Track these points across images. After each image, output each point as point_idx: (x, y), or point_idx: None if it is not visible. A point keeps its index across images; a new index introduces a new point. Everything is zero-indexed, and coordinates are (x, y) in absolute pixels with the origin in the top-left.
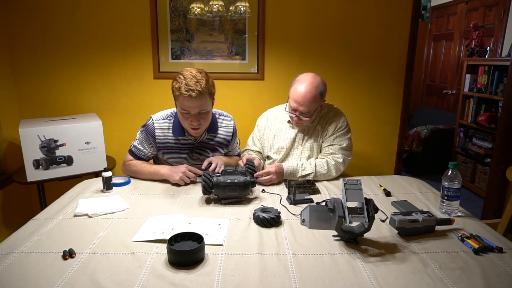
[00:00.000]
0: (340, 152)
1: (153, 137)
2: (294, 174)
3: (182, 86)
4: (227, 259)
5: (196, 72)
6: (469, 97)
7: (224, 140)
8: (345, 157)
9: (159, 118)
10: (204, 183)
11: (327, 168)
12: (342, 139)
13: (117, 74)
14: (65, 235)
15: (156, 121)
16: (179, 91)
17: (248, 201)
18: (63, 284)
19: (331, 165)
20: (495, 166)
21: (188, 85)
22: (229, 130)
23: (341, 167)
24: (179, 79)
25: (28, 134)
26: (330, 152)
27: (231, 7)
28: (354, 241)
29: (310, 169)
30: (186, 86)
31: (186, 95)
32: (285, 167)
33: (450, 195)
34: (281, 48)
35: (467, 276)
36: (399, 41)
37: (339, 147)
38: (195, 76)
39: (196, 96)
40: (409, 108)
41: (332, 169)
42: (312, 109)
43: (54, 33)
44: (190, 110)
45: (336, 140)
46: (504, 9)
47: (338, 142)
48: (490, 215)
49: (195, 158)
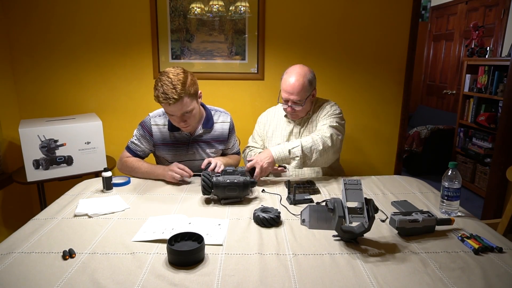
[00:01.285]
0: (328, 129)
1: (150, 134)
2: (283, 151)
3: (159, 94)
4: (227, 259)
5: (173, 76)
6: (469, 97)
7: (220, 135)
8: (333, 133)
9: (155, 115)
10: (203, 183)
11: (311, 141)
12: (332, 120)
13: (117, 74)
14: (65, 235)
15: (152, 118)
16: (157, 99)
17: (248, 201)
18: (63, 284)
19: (316, 138)
20: (495, 166)
21: (165, 93)
22: (225, 126)
23: (328, 141)
24: (157, 87)
25: (28, 134)
26: (318, 129)
27: (231, 7)
28: (354, 241)
29: (297, 142)
30: (163, 94)
31: (165, 103)
32: (273, 150)
33: (450, 195)
34: (281, 48)
35: (467, 276)
36: (399, 41)
37: (329, 125)
38: (171, 82)
39: (174, 103)
40: (409, 108)
41: (319, 142)
42: (303, 97)
43: (54, 33)
44: (173, 113)
45: (326, 121)
46: (504, 9)
47: (329, 122)
48: (490, 215)
49: (192, 154)
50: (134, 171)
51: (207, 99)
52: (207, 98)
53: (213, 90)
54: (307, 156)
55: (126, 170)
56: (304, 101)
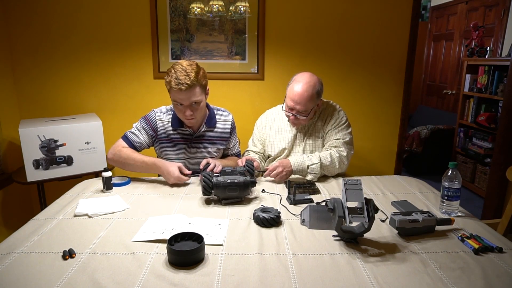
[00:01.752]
0: (343, 145)
1: (154, 129)
2: (302, 165)
3: (172, 80)
4: (227, 259)
5: (187, 65)
6: (469, 97)
7: (222, 134)
8: (348, 151)
9: (160, 112)
10: (204, 183)
11: (330, 160)
12: (344, 133)
13: (117, 74)
14: (65, 235)
15: (157, 113)
16: (169, 84)
17: (248, 201)
18: (63, 284)
19: (334, 157)
20: (495, 166)
21: (178, 78)
22: (227, 124)
23: (345, 160)
24: (170, 73)
25: (28, 134)
26: (334, 145)
27: (231, 7)
28: (354, 241)
29: (316, 159)
30: (176, 80)
31: (176, 89)
32: (292, 161)
33: (450, 195)
34: (281, 48)
35: (467, 276)
36: (399, 41)
37: (343, 141)
38: (185, 69)
39: (185, 89)
40: (409, 108)
41: (336, 161)
42: (309, 108)
43: (54, 33)
44: (181, 102)
45: (339, 134)
46: (504, 9)
47: (342, 136)
48: (490, 215)
49: (194, 151)
50: (128, 161)
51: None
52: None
53: (213, 90)
54: (323, 172)
55: (120, 160)
56: (309, 111)
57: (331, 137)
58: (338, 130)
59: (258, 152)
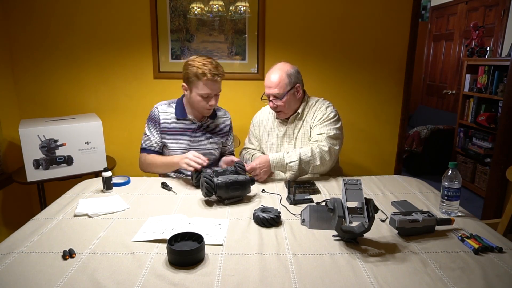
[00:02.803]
0: (326, 140)
1: (158, 122)
2: (281, 162)
3: (207, 71)
4: (227, 259)
5: (209, 59)
6: (469, 97)
7: (223, 128)
8: (331, 146)
9: (162, 105)
10: (206, 185)
11: (310, 156)
12: (330, 128)
13: (117, 74)
14: (65, 235)
15: (159, 107)
16: (204, 75)
17: (248, 201)
18: (63, 284)
19: (315, 153)
20: (495, 166)
21: (212, 70)
22: (227, 121)
23: (326, 155)
24: (199, 65)
25: (28, 134)
26: (316, 139)
27: (231, 7)
28: (354, 241)
29: (295, 156)
30: (211, 71)
31: (213, 79)
32: (271, 157)
33: (450, 195)
34: (281, 48)
35: (467, 276)
36: (399, 41)
37: (326, 135)
38: (210, 62)
39: (220, 79)
40: (409, 108)
41: (316, 157)
42: (281, 91)
43: (54, 33)
44: (212, 92)
45: (323, 129)
46: (504, 9)
47: (326, 131)
48: (490, 215)
49: (197, 141)
50: (153, 165)
51: None
52: None
53: None
54: (304, 170)
55: (147, 168)
56: (284, 95)
57: (315, 132)
58: (323, 124)
59: (255, 149)
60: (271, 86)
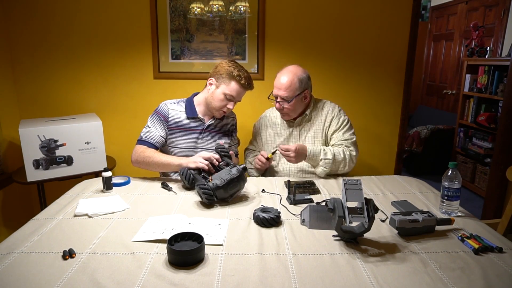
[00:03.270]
0: (352, 145)
1: (166, 118)
2: (316, 156)
3: (242, 76)
4: (227, 259)
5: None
6: (469, 97)
7: (229, 129)
8: (357, 152)
9: (171, 102)
10: (205, 195)
11: (342, 158)
12: (350, 133)
13: (117, 74)
14: (65, 235)
15: (169, 104)
16: (240, 79)
17: (248, 201)
18: (63, 284)
19: (346, 155)
20: (495, 166)
21: (248, 78)
22: (234, 121)
23: (354, 160)
24: (239, 69)
25: (28, 134)
26: (345, 145)
27: (231, 7)
28: (354, 241)
29: (330, 155)
30: (246, 79)
31: (243, 87)
32: (309, 149)
33: (450, 195)
34: (281, 48)
35: (467, 276)
36: (399, 41)
37: (351, 141)
38: (246, 71)
39: (246, 91)
40: (409, 108)
41: (347, 159)
42: (290, 94)
43: (54, 33)
44: (237, 98)
45: (346, 135)
46: (504, 9)
47: (349, 137)
48: (490, 215)
49: (204, 141)
50: (151, 162)
51: None
52: None
53: None
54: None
55: (142, 162)
56: (292, 98)
57: (339, 137)
58: (344, 130)
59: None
60: (281, 88)
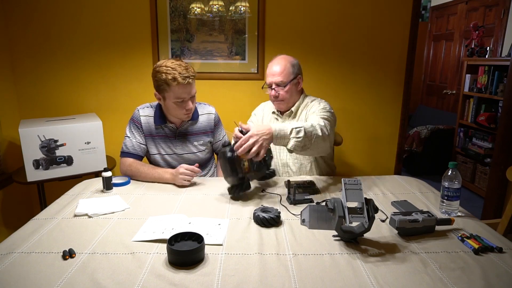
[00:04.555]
0: (320, 117)
1: (140, 124)
2: (284, 130)
3: (177, 75)
4: (227, 259)
5: (178, 61)
6: (469, 97)
7: (207, 126)
8: (326, 122)
9: (143, 107)
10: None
11: (311, 127)
12: (325, 114)
13: (117, 74)
14: (65, 235)
15: (140, 110)
16: (175, 80)
17: (248, 201)
18: (63, 284)
19: (315, 124)
20: (495, 166)
21: (182, 73)
22: (211, 116)
23: (324, 129)
24: (167, 71)
25: (28, 134)
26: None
27: (231, 7)
28: (354, 241)
29: (300, 124)
30: (181, 74)
31: (184, 83)
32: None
33: (450, 195)
34: (281, 48)
35: (467, 276)
36: (399, 41)
37: (320, 117)
38: (180, 65)
39: (191, 81)
40: (409, 108)
41: (317, 128)
42: (285, 79)
43: (54, 33)
44: (186, 96)
45: (319, 113)
46: (504, 9)
47: (319, 114)
48: (490, 215)
49: (180, 147)
50: (140, 176)
51: (207, 99)
52: (207, 97)
53: (213, 90)
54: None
55: (134, 176)
56: (287, 83)
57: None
58: (317, 112)
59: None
60: (275, 74)
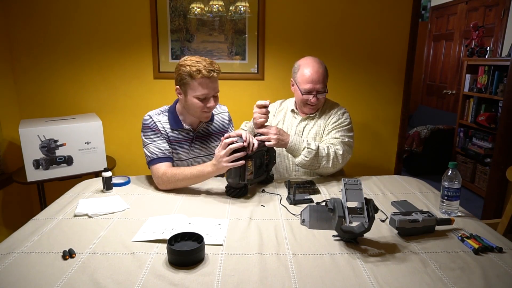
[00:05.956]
0: (341, 145)
1: (159, 130)
2: (299, 144)
3: (201, 68)
4: (227, 259)
5: (202, 57)
6: (469, 97)
7: (222, 126)
8: (345, 152)
9: (154, 114)
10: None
11: (325, 154)
12: (344, 134)
13: (117, 74)
14: (65, 235)
15: (153, 116)
16: (199, 73)
17: (248, 201)
18: (63, 284)
19: (330, 152)
20: (495, 166)
21: (207, 67)
22: (225, 115)
23: (340, 159)
24: (192, 64)
25: (28, 134)
26: (331, 142)
27: (231, 7)
28: (354, 241)
29: (314, 146)
30: (205, 67)
31: (209, 76)
32: (291, 136)
33: (450, 195)
34: (281, 48)
35: (467, 276)
36: (399, 41)
37: (341, 141)
38: (205, 59)
39: (217, 76)
40: (409, 108)
41: (330, 158)
42: (325, 84)
43: (54, 33)
44: (210, 92)
45: (338, 134)
46: (504, 9)
47: (340, 136)
48: (490, 215)
49: (197, 150)
50: (182, 179)
51: None
52: None
53: None
54: (313, 164)
55: (173, 183)
56: (326, 88)
57: (329, 135)
58: (338, 129)
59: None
60: (318, 81)
